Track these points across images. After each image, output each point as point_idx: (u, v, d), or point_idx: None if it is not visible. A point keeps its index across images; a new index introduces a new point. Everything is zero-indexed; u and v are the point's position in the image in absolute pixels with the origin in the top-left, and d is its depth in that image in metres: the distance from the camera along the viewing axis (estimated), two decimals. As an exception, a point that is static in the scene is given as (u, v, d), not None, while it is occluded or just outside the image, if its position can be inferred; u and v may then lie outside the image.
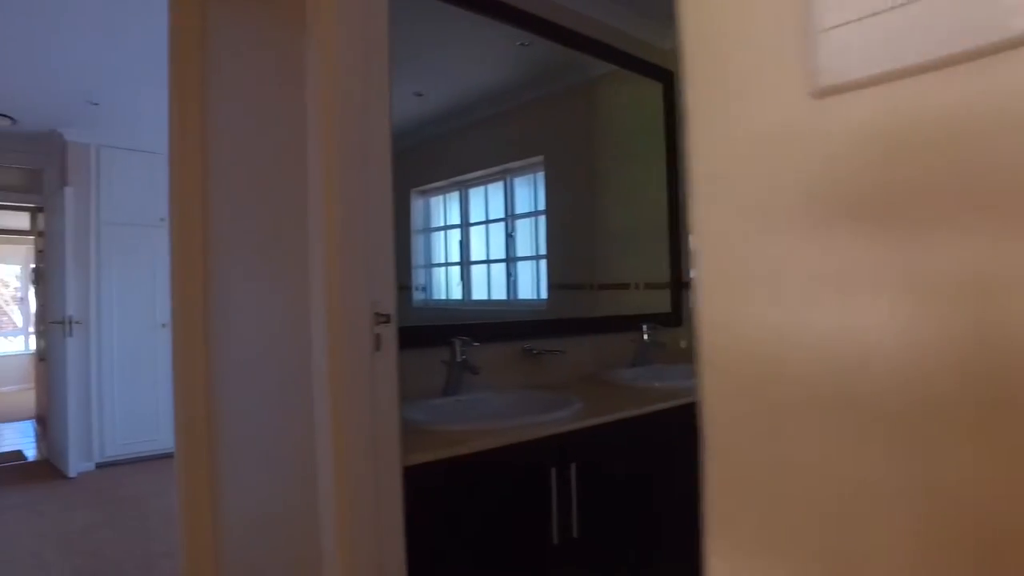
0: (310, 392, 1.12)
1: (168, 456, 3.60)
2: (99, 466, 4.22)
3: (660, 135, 2.71)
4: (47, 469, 4.31)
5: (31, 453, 4.82)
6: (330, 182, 1.05)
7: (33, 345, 6.73)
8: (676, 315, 2.67)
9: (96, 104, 3.71)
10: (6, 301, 8.96)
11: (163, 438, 4.30)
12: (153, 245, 4.35)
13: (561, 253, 2.35)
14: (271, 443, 1.41)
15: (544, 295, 2.31)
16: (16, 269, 8.80)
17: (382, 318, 1.03)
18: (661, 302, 2.64)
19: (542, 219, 2.33)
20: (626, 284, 2.60)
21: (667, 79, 2.72)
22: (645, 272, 2.65)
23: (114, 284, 4.33)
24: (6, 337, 8.64)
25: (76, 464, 4.11)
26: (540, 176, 2.34)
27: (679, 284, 2.70)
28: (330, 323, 1.01)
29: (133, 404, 4.34)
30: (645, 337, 2.35)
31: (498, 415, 1.67)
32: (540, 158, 2.35)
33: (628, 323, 2.39)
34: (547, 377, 2.09)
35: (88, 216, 4.24)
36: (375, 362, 1.02)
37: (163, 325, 4.39)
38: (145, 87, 3.38)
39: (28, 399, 6.38)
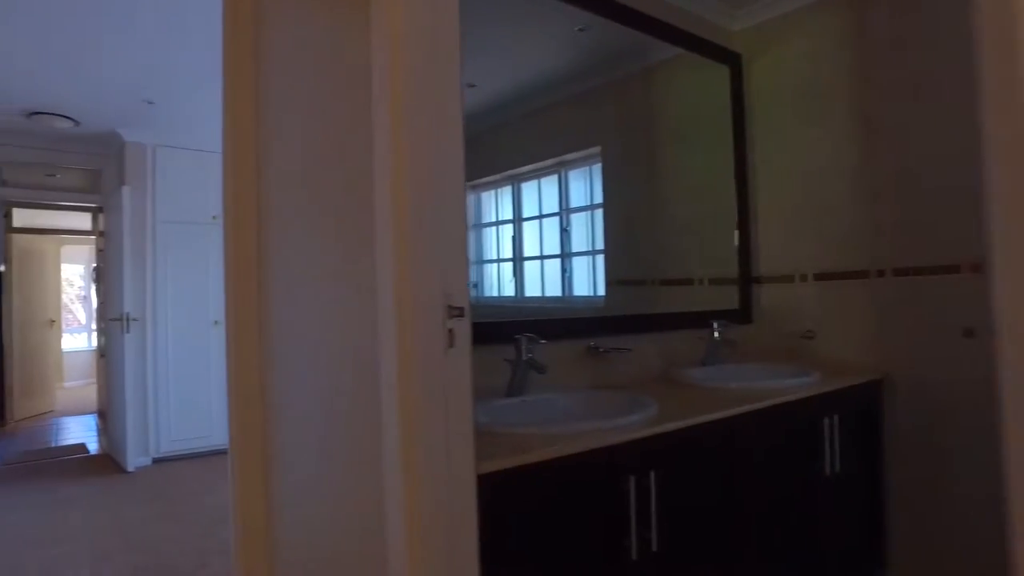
0: (374, 392, 1.03)
1: (222, 452, 3.63)
2: (156, 461, 4.31)
3: (726, 122, 2.56)
4: (107, 463, 4.43)
5: (93, 447, 4.97)
6: (399, 167, 0.96)
7: (95, 342, 6.97)
8: (745, 311, 2.51)
9: (152, 103, 3.78)
10: (71, 299, 9.37)
11: (217, 435, 4.37)
12: (206, 243, 4.42)
13: (619, 248, 2.24)
14: (330, 444, 1.34)
15: (601, 291, 2.20)
16: (80, 268, 9.19)
17: (455, 311, 0.93)
18: (728, 298, 2.49)
19: (598, 213, 2.22)
20: (690, 279, 2.46)
21: (734, 62, 2.56)
22: (710, 267, 2.51)
23: (169, 282, 4.41)
24: (72, 334, 9.02)
25: (134, 459, 4.20)
26: (596, 168, 2.23)
27: (748, 279, 2.55)
28: (399, 317, 0.92)
29: (187, 401, 4.42)
30: (716, 335, 2.21)
31: (569, 417, 1.57)
32: (597, 149, 2.24)
33: (695, 320, 2.26)
34: (615, 376, 1.98)
35: (144, 214, 4.33)
36: (448, 360, 0.93)
37: (215, 322, 4.45)
38: (200, 85, 3.42)
39: (92, 394, 6.61)
